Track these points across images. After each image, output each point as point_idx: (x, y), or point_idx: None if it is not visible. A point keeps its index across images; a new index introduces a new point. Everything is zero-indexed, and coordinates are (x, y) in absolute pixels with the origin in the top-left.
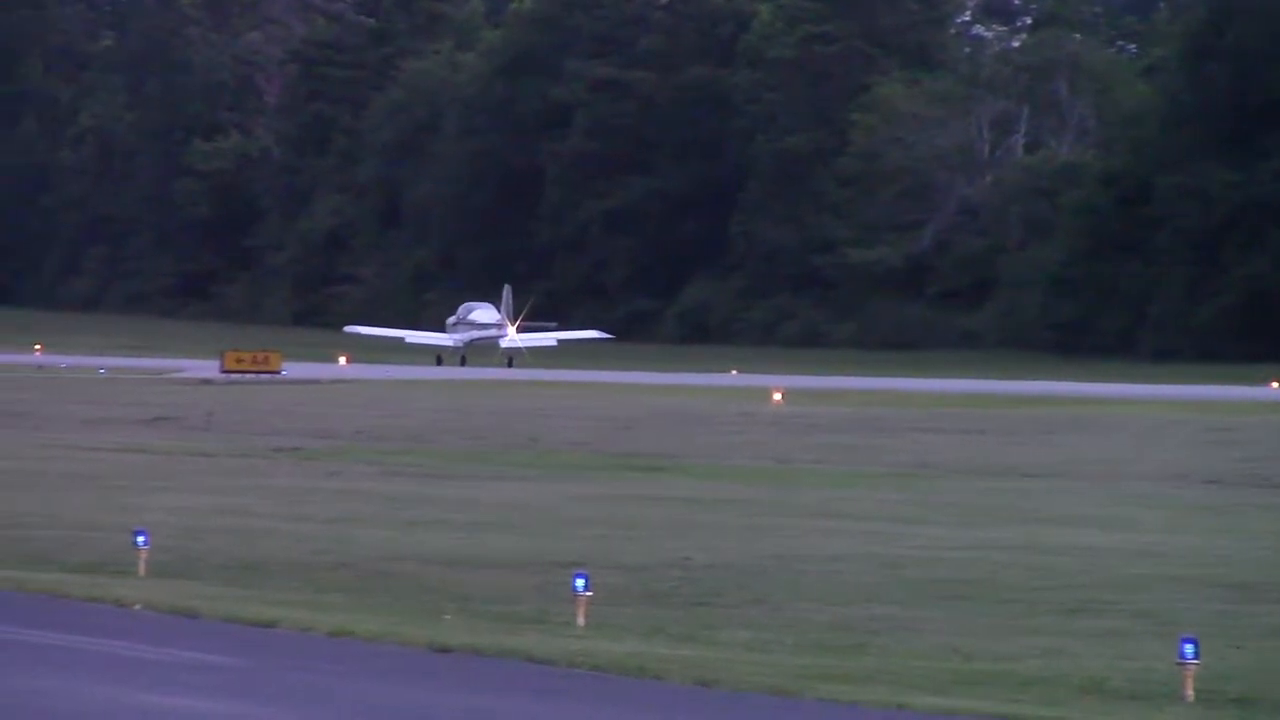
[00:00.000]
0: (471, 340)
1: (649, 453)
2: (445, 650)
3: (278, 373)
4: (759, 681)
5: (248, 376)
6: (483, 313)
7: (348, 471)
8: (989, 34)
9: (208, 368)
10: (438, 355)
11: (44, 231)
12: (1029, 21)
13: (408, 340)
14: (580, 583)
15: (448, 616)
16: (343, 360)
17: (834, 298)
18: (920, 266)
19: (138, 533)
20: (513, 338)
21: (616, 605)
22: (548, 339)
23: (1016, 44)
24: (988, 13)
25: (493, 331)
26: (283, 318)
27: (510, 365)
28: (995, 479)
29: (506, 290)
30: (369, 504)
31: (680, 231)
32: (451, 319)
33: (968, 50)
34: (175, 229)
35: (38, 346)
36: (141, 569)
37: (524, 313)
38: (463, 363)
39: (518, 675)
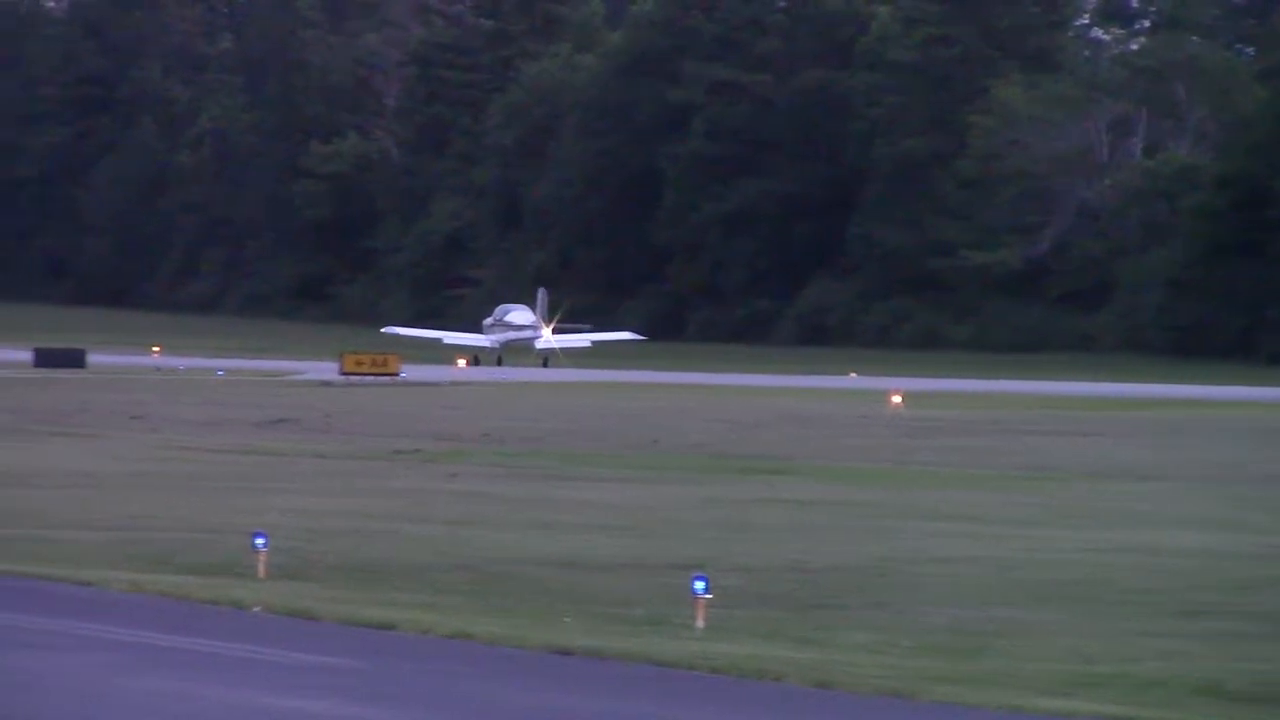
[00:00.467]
0: (507, 341)
1: (768, 455)
2: (565, 653)
3: (396, 375)
4: (878, 684)
5: (366, 379)
6: (518, 314)
7: (467, 474)
8: (1107, 37)
9: (326, 370)
10: (474, 355)
11: (162, 234)
12: (1147, 24)
13: (445, 341)
14: (700, 585)
15: (567, 619)
16: (462, 363)
17: (952, 300)
18: (1039, 269)
19: (256, 535)
20: (547, 339)
21: (735, 607)
22: (581, 340)
23: (1135, 47)
24: (1106, 15)
25: (528, 333)
26: (401, 320)
27: (545, 366)
28: (1113, 481)
29: (541, 292)
30: (488, 506)
31: (798, 233)
32: (488, 320)
33: (1086, 53)
34: (294, 231)
35: (156, 348)
36: (260, 571)
37: (559, 314)
38: (499, 363)
39: (638, 677)
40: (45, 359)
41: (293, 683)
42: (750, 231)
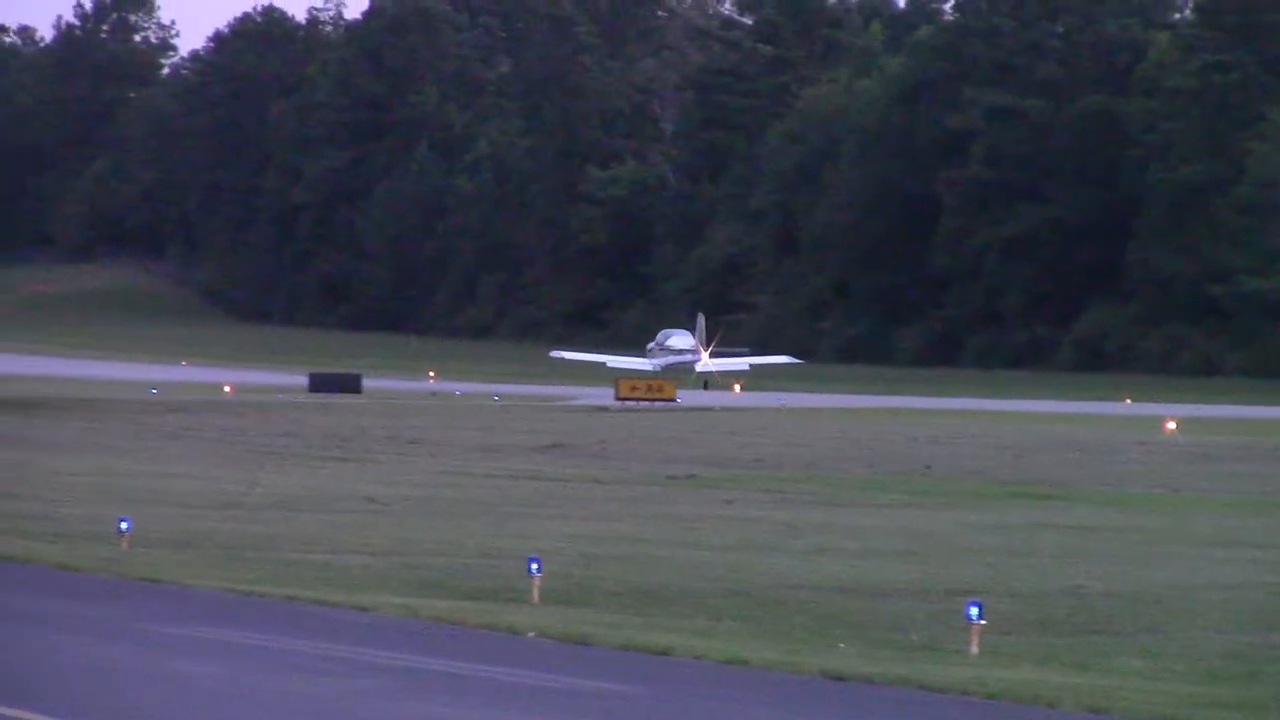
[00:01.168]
0: (668, 365)
1: (1042, 480)
2: (839, 678)
3: (673, 400)
4: (1151, 710)
5: (642, 404)
6: (679, 339)
7: (742, 499)
8: None
9: (602, 395)
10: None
11: (440, 259)
12: None
13: (609, 365)
14: (974, 610)
15: (842, 645)
16: (737, 388)
17: (1230, 327)
18: None
19: (531, 560)
20: (706, 362)
21: (1010, 633)
22: (739, 364)
23: None
24: None
25: (688, 357)
26: None
27: (706, 388)
28: None
29: (700, 317)
30: (763, 531)
31: (1076, 259)
32: (650, 344)
33: None
34: (571, 256)
35: (432, 374)
36: (535, 596)
37: (716, 339)
38: None
39: (911, 704)
40: (321, 384)
41: (567, 708)
42: (1028, 257)
